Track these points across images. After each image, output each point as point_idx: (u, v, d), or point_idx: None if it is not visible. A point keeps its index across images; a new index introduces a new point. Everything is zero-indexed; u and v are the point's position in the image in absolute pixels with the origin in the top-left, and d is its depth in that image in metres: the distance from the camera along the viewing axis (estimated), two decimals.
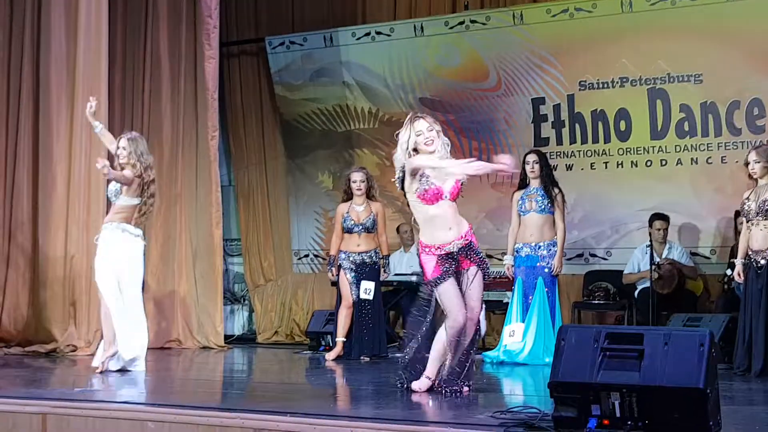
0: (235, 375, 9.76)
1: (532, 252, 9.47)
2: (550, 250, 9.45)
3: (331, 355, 9.87)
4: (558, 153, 11.40)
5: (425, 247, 6.79)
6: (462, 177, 6.82)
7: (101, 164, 8.13)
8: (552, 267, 9.42)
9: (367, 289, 9.80)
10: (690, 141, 10.83)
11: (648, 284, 10.23)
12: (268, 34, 13.19)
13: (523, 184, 9.66)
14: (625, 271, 10.78)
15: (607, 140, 11.23)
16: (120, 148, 8.47)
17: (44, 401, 6.37)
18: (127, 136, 8.53)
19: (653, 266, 10.15)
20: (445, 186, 6.76)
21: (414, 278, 10.99)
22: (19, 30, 10.65)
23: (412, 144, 6.77)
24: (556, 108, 11.47)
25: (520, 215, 9.60)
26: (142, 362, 8.42)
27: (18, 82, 10.61)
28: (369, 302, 9.85)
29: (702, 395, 4.69)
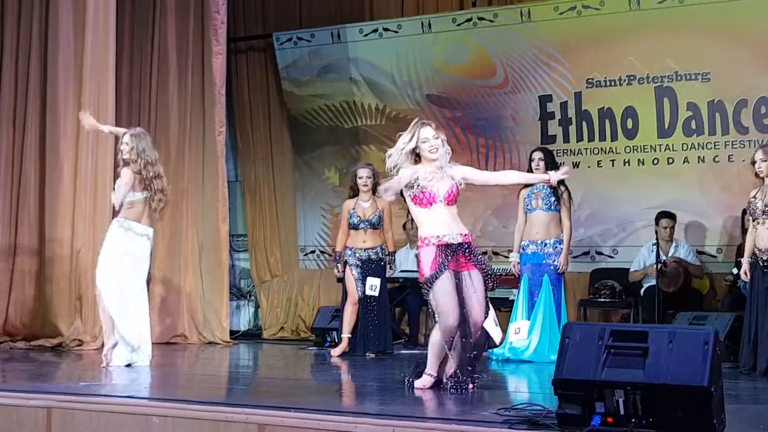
0: (240, 370, 9.77)
1: (538, 249, 9.46)
2: (556, 247, 9.44)
3: (336, 352, 9.88)
4: (565, 150, 11.39)
5: (424, 239, 6.79)
6: (460, 182, 6.83)
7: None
8: (558, 265, 9.41)
9: (372, 285, 9.80)
10: (697, 139, 10.80)
11: (654, 282, 10.22)
12: (275, 29, 13.18)
13: None
14: (631, 269, 10.76)
15: (614, 138, 11.21)
16: (123, 143, 8.50)
17: (49, 395, 6.39)
18: (130, 132, 8.55)
19: (659, 264, 10.14)
20: (439, 190, 6.76)
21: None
22: (27, 24, 10.67)
23: (412, 146, 6.78)
24: (563, 105, 11.46)
25: (526, 213, 9.59)
26: (145, 356, 8.43)
27: (25, 76, 10.64)
28: (375, 299, 9.85)
29: (706, 393, 4.68)
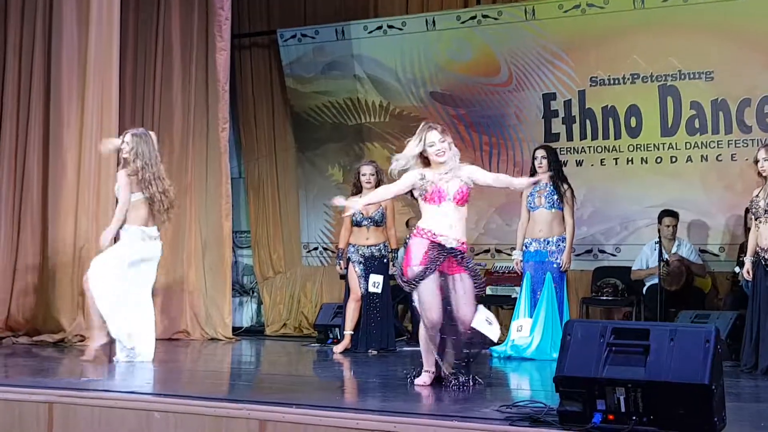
0: (242, 367, 9.77)
1: (541, 247, 9.47)
2: (558, 245, 9.45)
3: (338, 348, 9.89)
4: (568, 149, 11.39)
5: (420, 230, 6.81)
6: (468, 182, 6.84)
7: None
8: (560, 263, 9.42)
9: (375, 282, 9.81)
10: (700, 138, 10.80)
11: (656, 281, 10.22)
12: (279, 26, 13.18)
13: None
14: (634, 268, 10.76)
15: (618, 136, 11.22)
16: (124, 142, 8.52)
17: (51, 390, 6.40)
18: (132, 132, 8.58)
19: (661, 263, 10.14)
20: (449, 189, 6.77)
21: None
22: (31, 20, 10.66)
23: (419, 150, 6.80)
24: (567, 104, 11.46)
25: (529, 211, 9.61)
26: (147, 352, 8.45)
27: (29, 73, 10.63)
28: (377, 296, 9.85)
29: (707, 391, 4.69)
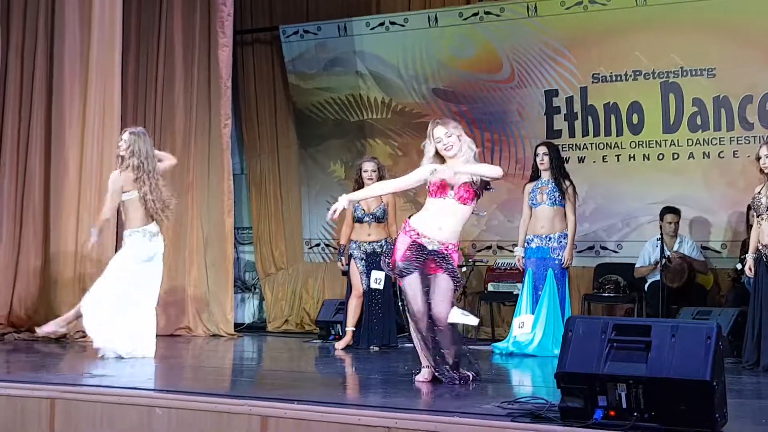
0: (244, 363, 9.79)
1: (543, 244, 9.48)
2: (560, 242, 9.45)
3: (340, 344, 9.89)
4: (570, 145, 11.38)
5: (407, 225, 6.85)
6: (474, 181, 6.85)
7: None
8: (562, 259, 9.43)
9: (377, 278, 9.81)
10: (702, 135, 10.80)
11: (658, 278, 10.21)
12: (282, 22, 13.17)
13: (534, 176, 9.69)
14: (637, 265, 10.75)
15: (620, 133, 11.21)
16: (121, 140, 8.56)
17: (53, 386, 6.39)
18: (130, 130, 8.63)
19: (663, 260, 10.14)
20: (453, 183, 6.78)
21: None
22: (33, 20, 10.66)
23: (432, 149, 6.85)
24: (569, 100, 11.46)
25: (531, 207, 9.61)
26: (149, 348, 8.48)
27: (31, 72, 10.63)
28: (379, 292, 9.86)
29: (708, 388, 4.69)
